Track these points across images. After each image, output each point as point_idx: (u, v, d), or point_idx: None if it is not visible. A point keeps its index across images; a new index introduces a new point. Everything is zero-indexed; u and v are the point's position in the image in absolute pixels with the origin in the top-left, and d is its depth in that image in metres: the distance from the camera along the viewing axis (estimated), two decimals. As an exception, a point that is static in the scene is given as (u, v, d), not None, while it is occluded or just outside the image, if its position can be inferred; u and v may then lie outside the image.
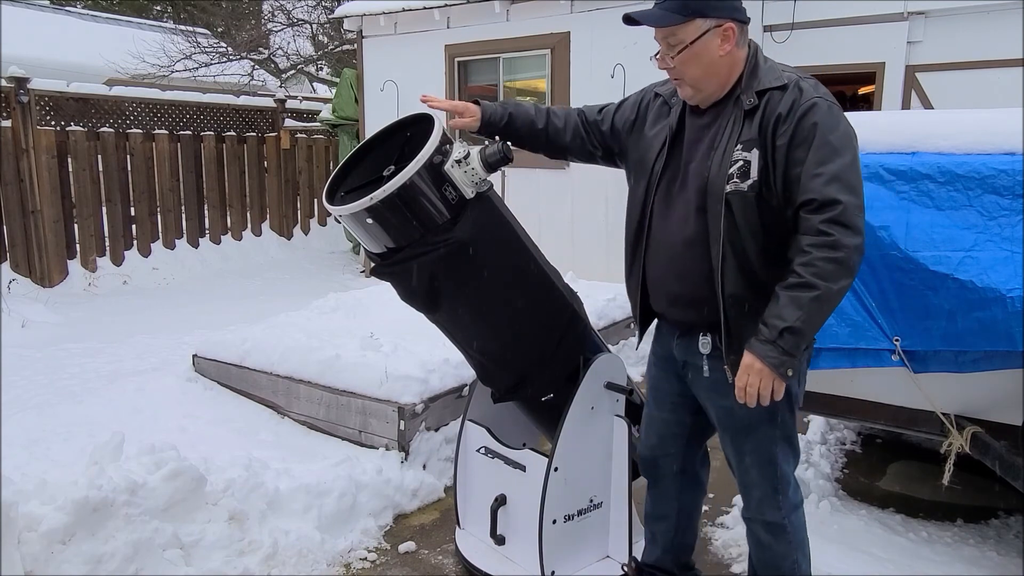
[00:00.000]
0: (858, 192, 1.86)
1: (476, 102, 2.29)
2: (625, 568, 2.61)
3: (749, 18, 2.03)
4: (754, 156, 1.93)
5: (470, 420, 2.88)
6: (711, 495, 3.18)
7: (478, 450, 2.81)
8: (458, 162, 2.11)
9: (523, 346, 2.46)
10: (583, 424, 2.54)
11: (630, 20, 1.99)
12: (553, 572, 2.56)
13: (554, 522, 2.53)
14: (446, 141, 2.16)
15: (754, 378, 1.88)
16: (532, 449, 2.70)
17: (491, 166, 2.16)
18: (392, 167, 2.15)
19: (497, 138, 2.19)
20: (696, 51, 1.96)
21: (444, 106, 2.31)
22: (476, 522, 2.88)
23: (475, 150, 2.15)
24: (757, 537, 2.27)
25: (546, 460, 2.52)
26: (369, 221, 2.14)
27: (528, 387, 2.61)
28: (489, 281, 2.29)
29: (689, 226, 2.04)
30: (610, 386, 2.58)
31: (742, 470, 2.21)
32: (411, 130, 2.26)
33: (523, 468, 2.63)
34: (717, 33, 1.96)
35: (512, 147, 2.24)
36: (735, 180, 1.94)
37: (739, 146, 1.96)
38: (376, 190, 2.08)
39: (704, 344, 2.10)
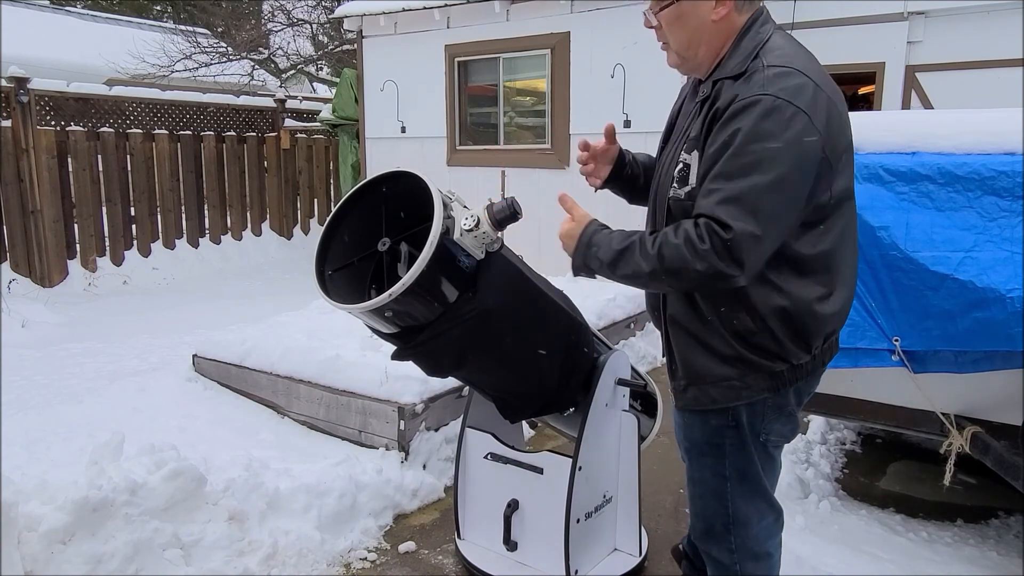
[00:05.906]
0: (763, 221, 1.49)
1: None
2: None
3: None
4: (693, 159, 1.64)
5: (470, 427, 2.82)
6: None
7: (486, 456, 2.75)
8: (469, 231, 1.96)
9: (547, 380, 2.42)
10: (600, 422, 2.54)
11: None
12: (576, 571, 2.55)
13: (577, 521, 2.52)
14: (446, 206, 1.97)
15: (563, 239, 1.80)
16: (549, 451, 2.68)
17: (500, 223, 1.99)
18: (386, 239, 2.03)
19: (503, 195, 2.07)
20: (683, 10, 1.66)
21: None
22: (482, 531, 2.83)
23: (482, 213, 1.98)
24: (710, 571, 1.99)
25: (563, 460, 2.52)
26: (388, 314, 2.00)
27: (551, 409, 2.60)
28: (514, 334, 2.20)
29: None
30: (621, 382, 2.58)
31: (689, 495, 1.98)
32: (386, 187, 2.10)
33: (540, 471, 2.61)
34: None
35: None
36: (674, 185, 1.69)
37: (685, 145, 1.69)
38: (370, 266, 1.98)
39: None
